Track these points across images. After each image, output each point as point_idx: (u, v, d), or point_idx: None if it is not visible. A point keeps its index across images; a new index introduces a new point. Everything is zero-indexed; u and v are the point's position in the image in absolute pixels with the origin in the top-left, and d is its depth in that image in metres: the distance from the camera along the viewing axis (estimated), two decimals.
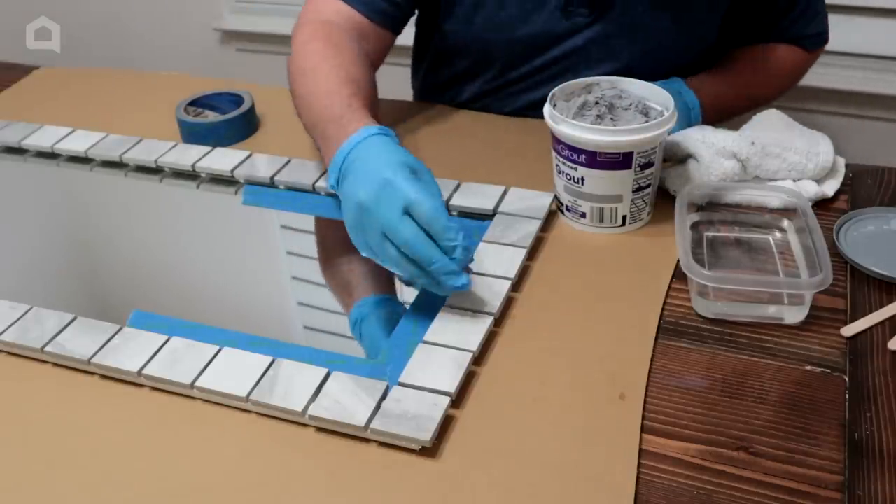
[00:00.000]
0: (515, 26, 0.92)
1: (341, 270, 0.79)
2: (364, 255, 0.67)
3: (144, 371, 0.63)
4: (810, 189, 0.79)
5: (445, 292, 0.65)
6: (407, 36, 0.99)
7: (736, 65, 0.99)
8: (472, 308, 0.67)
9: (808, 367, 0.62)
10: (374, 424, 0.57)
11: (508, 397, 0.61)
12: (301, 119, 0.83)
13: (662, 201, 0.79)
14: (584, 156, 0.73)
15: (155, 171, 0.92)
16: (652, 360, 0.63)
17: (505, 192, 0.81)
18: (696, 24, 0.93)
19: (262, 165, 0.89)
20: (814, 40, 1.01)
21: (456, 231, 0.63)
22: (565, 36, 0.91)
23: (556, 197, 0.80)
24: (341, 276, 0.79)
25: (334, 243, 0.83)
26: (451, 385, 0.60)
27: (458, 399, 0.60)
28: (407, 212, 0.63)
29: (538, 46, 0.93)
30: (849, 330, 0.65)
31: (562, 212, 0.79)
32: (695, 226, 0.77)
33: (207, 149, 0.92)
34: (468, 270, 0.68)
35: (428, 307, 0.68)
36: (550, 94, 0.77)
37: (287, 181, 0.86)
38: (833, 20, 1.01)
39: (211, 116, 0.97)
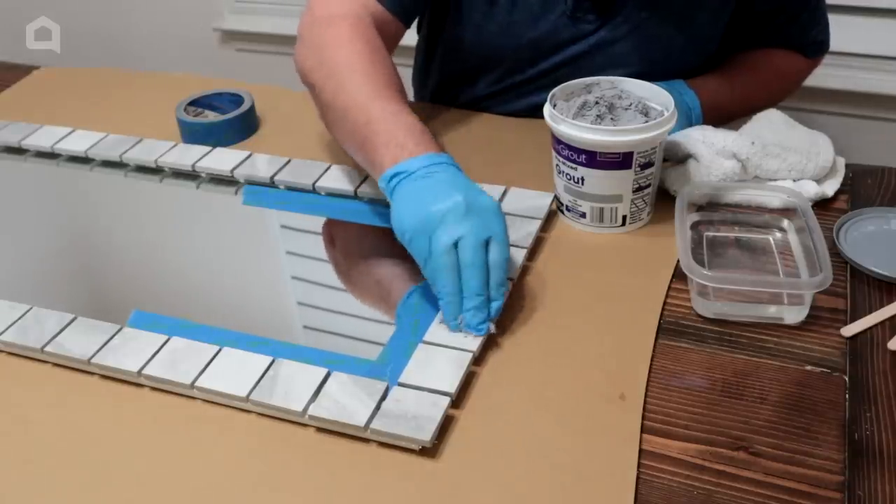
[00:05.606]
0: (523, 31, 0.92)
1: (372, 276, 0.78)
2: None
3: (144, 371, 0.63)
4: (810, 189, 0.79)
5: (456, 323, 0.64)
6: (407, 36, 0.99)
7: (737, 69, 0.99)
8: None
9: (808, 367, 0.62)
10: (374, 424, 0.57)
11: (508, 397, 0.61)
12: (334, 103, 0.79)
13: (662, 201, 0.79)
14: (584, 156, 0.73)
15: (155, 171, 0.92)
16: (652, 360, 0.63)
17: (505, 192, 0.81)
18: (700, 32, 0.93)
19: (262, 165, 0.89)
20: (815, 48, 1.01)
21: (506, 291, 0.66)
22: (571, 41, 0.92)
23: (556, 197, 0.80)
24: (375, 281, 0.77)
25: (360, 251, 0.82)
26: (451, 385, 0.60)
27: (458, 399, 0.60)
28: (487, 242, 0.64)
29: (543, 51, 0.93)
30: (849, 330, 0.65)
31: (562, 212, 0.79)
32: (695, 226, 0.77)
33: (207, 149, 0.92)
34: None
35: (428, 308, 0.68)
36: (550, 94, 0.77)
37: (287, 181, 0.86)
38: (833, 20, 1.01)
39: (211, 116, 0.97)
